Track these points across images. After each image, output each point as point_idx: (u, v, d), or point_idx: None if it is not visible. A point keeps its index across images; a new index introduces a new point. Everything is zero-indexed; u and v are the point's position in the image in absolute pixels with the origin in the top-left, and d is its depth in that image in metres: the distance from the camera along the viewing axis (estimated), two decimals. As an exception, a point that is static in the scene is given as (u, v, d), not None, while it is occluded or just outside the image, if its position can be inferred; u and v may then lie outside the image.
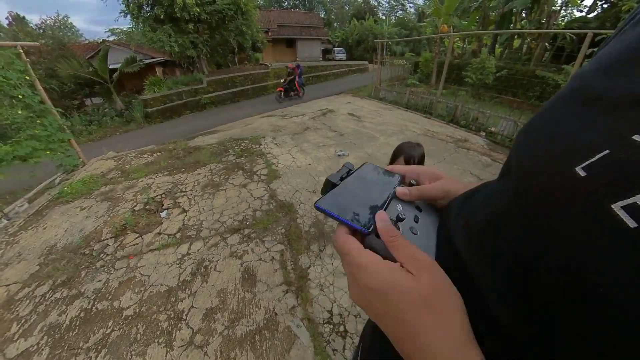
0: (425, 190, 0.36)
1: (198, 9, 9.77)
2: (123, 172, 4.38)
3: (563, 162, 0.18)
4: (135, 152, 5.46)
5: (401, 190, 0.35)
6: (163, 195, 3.51)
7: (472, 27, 11.90)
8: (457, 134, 5.97)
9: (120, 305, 2.01)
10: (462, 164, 4.44)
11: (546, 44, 10.49)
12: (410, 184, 0.38)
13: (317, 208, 0.30)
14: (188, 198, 3.43)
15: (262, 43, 14.64)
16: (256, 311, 1.94)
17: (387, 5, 40.11)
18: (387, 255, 0.26)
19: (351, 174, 0.37)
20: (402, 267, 0.24)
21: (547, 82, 7.95)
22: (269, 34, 19.10)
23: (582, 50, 4.16)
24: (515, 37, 12.07)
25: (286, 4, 34.94)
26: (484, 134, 5.99)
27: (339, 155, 4.62)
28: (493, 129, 5.89)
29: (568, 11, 11.96)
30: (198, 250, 2.55)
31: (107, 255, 2.54)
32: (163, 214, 3.10)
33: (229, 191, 3.57)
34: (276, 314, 1.91)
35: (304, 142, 5.40)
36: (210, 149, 5.18)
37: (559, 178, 0.18)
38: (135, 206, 3.30)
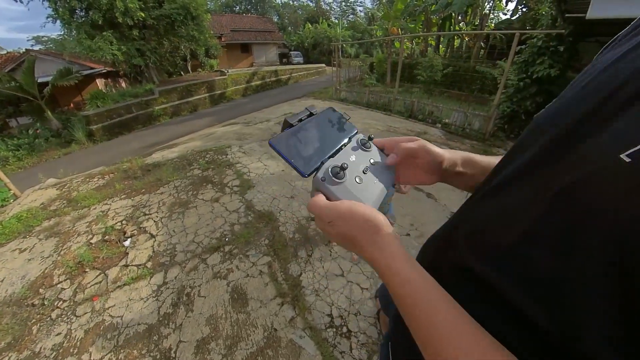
0: (401, 141, 0.41)
1: (143, 14, 9.00)
2: (70, 200, 3.82)
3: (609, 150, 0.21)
4: (82, 176, 4.83)
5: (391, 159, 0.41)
6: (124, 222, 3.16)
7: (418, 29, 12.93)
8: (416, 128, 6.41)
9: (92, 358, 1.74)
10: None
11: (481, 42, 11.87)
12: None
13: (270, 145, 0.34)
14: (154, 221, 3.13)
15: (215, 49, 14.05)
16: (254, 331, 1.84)
17: (338, 9, 41.56)
18: (328, 197, 0.34)
19: (311, 117, 0.39)
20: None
21: (486, 76, 9.00)
22: (223, 39, 18.39)
23: (513, 48, 4.83)
24: (456, 37, 13.43)
25: (237, 8, 34.09)
26: (439, 125, 6.53)
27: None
28: (447, 121, 6.43)
29: (495, 14, 13.63)
30: (176, 277, 2.34)
31: (64, 301, 2.18)
32: (127, 243, 2.79)
33: (200, 208, 3.35)
34: (276, 329, 1.84)
35: (274, 148, 5.30)
36: (172, 164, 4.81)
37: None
38: (91, 238, 2.91)
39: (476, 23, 12.15)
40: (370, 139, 0.42)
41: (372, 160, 0.39)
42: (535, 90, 4.90)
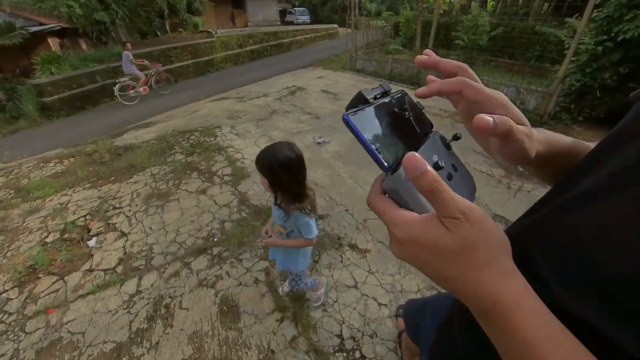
0: (514, 121, 0.34)
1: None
2: (18, 190, 3.90)
3: None
4: (35, 160, 4.93)
5: (484, 119, 0.33)
6: (88, 217, 3.22)
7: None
8: (451, 107, 6.12)
9: (47, 382, 1.80)
10: (463, 140, 4.53)
11: (545, -7, 11.33)
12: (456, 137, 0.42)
13: (345, 120, 0.31)
14: (126, 216, 3.19)
15: (200, 2, 13.94)
16: (246, 352, 1.86)
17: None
18: (403, 203, 0.31)
19: (387, 97, 0.38)
20: (438, 219, 0.28)
21: (549, 39, 8.54)
22: (209, -10, 18.23)
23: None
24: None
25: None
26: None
27: (319, 143, 4.62)
28: (493, 98, 6.26)
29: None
30: (152, 284, 2.37)
31: (10, 314, 2.22)
32: (92, 243, 2.84)
33: (183, 201, 3.39)
34: (273, 351, 1.85)
35: (273, 129, 5.32)
36: (148, 147, 4.87)
37: None
38: (47, 237, 2.97)
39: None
40: (457, 137, 0.40)
41: (452, 164, 0.38)
42: (620, 57, 4.48)
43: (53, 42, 11.86)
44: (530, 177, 3.63)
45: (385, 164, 0.31)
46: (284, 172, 1.28)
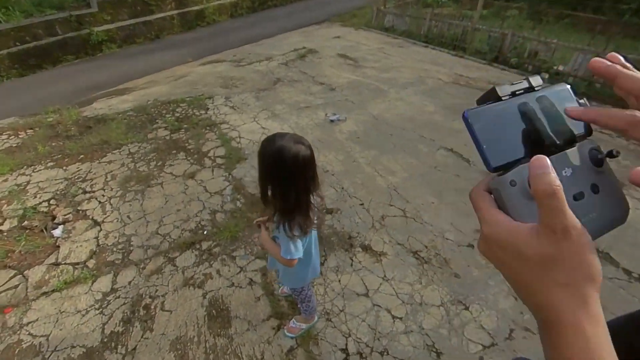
0: None
1: None
2: None
3: None
4: (-18, 131, 5.15)
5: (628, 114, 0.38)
6: (53, 202, 3.43)
7: None
8: (505, 80, 6.15)
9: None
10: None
11: None
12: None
13: (464, 118, 0.39)
14: (99, 202, 3.39)
15: None
16: (237, 363, 2.04)
17: None
18: (502, 206, 0.38)
19: (529, 94, 0.43)
20: (533, 227, 0.34)
21: None
22: None
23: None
24: None
25: None
26: (546, 76, 6.16)
27: (332, 121, 4.70)
28: (561, 68, 6.09)
29: None
30: (130, 282, 2.56)
31: None
32: (57, 232, 3.04)
33: (168, 186, 3.56)
34: (268, 363, 2.02)
35: (277, 102, 5.42)
36: (125, 119, 5.05)
37: None
38: (1, 224, 3.19)
39: None
40: (612, 155, 0.41)
41: (596, 183, 0.41)
42: None
43: None
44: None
45: (491, 163, 0.38)
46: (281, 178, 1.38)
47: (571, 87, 0.45)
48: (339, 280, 2.48)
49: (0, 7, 8.95)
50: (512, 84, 0.43)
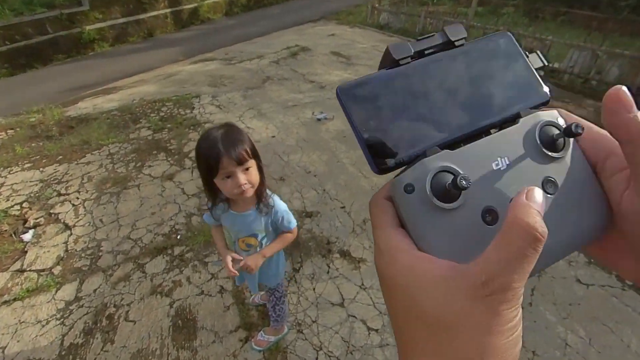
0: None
1: None
2: None
3: None
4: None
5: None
6: (25, 205, 3.33)
7: None
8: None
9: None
10: None
11: None
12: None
13: (337, 94, 0.29)
14: (73, 205, 3.28)
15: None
16: (198, 379, 1.92)
17: None
18: (402, 221, 0.27)
19: (447, 51, 0.31)
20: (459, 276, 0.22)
21: None
22: None
23: None
24: None
25: None
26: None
27: (319, 120, 4.59)
28: (557, 65, 6.02)
29: None
30: (96, 290, 2.45)
31: None
32: (27, 237, 2.94)
33: (145, 188, 3.46)
34: (231, 379, 1.91)
35: (264, 101, 5.32)
36: (108, 119, 4.96)
37: None
38: None
39: None
40: (571, 133, 0.27)
41: (552, 177, 0.28)
42: None
43: None
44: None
45: (374, 162, 0.27)
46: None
47: (508, 36, 0.33)
48: (314, 289, 2.36)
49: (-12, 8, 8.92)
50: (418, 40, 0.30)
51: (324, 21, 11.19)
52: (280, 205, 1.45)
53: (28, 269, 2.65)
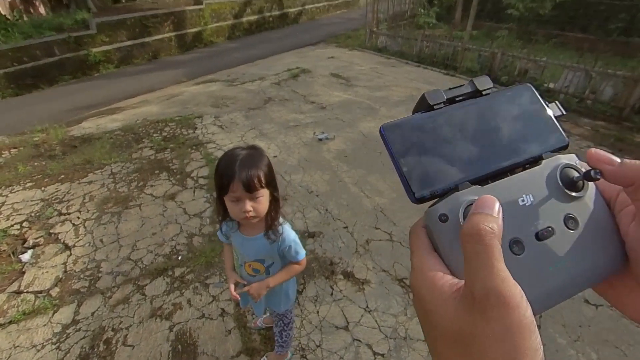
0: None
1: None
2: None
3: None
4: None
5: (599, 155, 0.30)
6: (25, 224, 3.28)
7: None
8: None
9: None
10: None
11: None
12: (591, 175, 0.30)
13: (380, 133, 0.33)
14: (73, 224, 3.24)
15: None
16: (198, 407, 1.84)
17: None
18: (436, 248, 0.29)
19: (476, 99, 0.35)
20: (461, 293, 0.25)
21: (638, 4, 8.25)
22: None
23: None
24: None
25: None
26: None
27: (320, 140, 4.60)
28: (552, 86, 6.10)
29: None
30: (94, 313, 2.38)
31: None
32: (25, 257, 2.88)
33: (146, 208, 3.42)
34: (233, 408, 1.82)
35: (266, 121, 5.35)
36: (111, 139, 4.97)
37: None
38: None
39: None
40: (589, 177, 0.30)
41: (572, 214, 0.30)
42: None
43: (1, 3, 12.20)
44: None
45: (413, 191, 0.31)
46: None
47: (534, 87, 0.37)
48: (317, 312, 2.29)
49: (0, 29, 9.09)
50: (450, 89, 0.35)
51: (324, 44, 11.44)
52: (290, 234, 1.40)
53: (25, 291, 2.58)
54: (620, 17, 8.73)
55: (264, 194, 1.25)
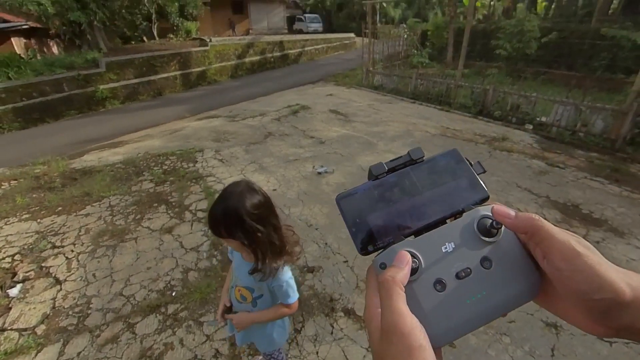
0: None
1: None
2: None
3: None
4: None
5: (501, 211, 0.37)
6: (17, 257, 3.17)
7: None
8: (490, 131, 6.28)
9: None
10: (504, 173, 4.58)
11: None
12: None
13: (337, 203, 0.40)
14: (66, 258, 3.12)
15: (195, 6, 14.81)
16: None
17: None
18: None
19: (410, 167, 0.42)
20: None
21: (620, 43, 8.52)
22: (207, -8, 19.56)
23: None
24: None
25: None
26: (530, 127, 6.33)
27: (319, 173, 4.57)
28: (544, 119, 6.21)
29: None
30: (80, 353, 2.22)
31: None
32: (13, 292, 2.75)
33: (141, 241, 3.32)
34: None
35: (266, 155, 5.36)
36: (112, 172, 4.93)
37: None
38: None
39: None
40: (493, 228, 0.37)
41: (488, 256, 0.36)
42: None
43: (17, 43, 12.56)
44: (600, 224, 3.40)
45: (359, 248, 0.38)
46: (258, 222, 1.14)
47: (455, 153, 0.44)
48: (317, 352, 2.13)
49: (11, 67, 9.37)
50: (391, 160, 0.42)
51: (323, 83, 11.77)
52: (285, 273, 1.28)
53: (9, 328, 2.43)
54: (603, 55, 9.06)
55: (232, 242, 1.17)
